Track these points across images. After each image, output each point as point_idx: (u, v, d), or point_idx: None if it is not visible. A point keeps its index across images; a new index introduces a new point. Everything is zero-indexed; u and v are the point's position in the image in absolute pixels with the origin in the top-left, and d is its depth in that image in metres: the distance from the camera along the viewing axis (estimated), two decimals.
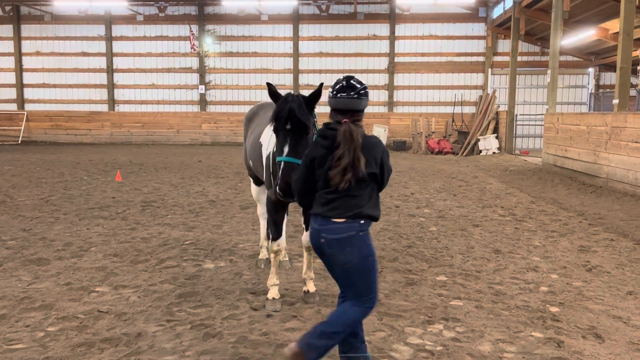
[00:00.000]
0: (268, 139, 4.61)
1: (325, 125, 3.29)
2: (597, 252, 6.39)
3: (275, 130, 3.84)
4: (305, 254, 4.80)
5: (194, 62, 24.49)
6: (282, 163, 3.74)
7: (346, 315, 3.19)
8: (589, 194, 10.73)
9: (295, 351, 3.08)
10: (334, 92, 3.29)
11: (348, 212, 3.15)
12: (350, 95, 3.26)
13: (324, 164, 3.21)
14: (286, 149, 3.76)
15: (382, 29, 23.58)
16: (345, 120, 3.21)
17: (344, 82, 3.31)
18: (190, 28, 23.58)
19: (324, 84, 4.06)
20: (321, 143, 3.25)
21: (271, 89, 4.00)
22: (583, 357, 3.67)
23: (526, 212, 8.93)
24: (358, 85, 3.31)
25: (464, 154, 20.14)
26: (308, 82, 23.17)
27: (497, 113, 20.94)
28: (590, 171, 12.03)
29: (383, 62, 23.72)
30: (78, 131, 24.79)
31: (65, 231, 7.26)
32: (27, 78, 25.10)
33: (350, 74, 3.40)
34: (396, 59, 23.56)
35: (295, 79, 23.49)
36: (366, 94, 3.33)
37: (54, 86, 24.99)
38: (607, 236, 7.19)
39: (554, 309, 4.54)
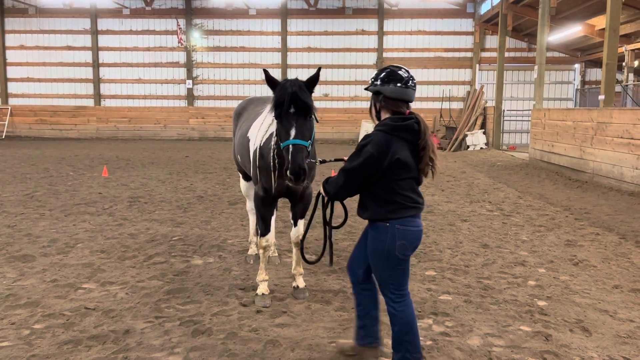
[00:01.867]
0: (255, 134, 4.58)
1: (402, 119, 3.12)
2: (583, 247, 6.45)
3: (279, 116, 3.74)
4: (294, 250, 4.78)
5: (181, 57, 24.28)
6: (291, 146, 3.61)
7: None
8: (575, 189, 10.83)
9: None
10: (404, 82, 3.12)
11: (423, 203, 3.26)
12: (413, 85, 3.17)
13: (412, 160, 3.10)
14: (293, 132, 3.66)
15: (371, 24, 23.57)
16: (408, 111, 3.18)
17: (406, 73, 3.16)
18: (178, 22, 23.36)
19: (320, 70, 4.00)
20: (407, 138, 3.09)
21: (268, 76, 3.92)
22: (570, 350, 3.71)
23: (514, 207, 8.99)
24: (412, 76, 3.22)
25: (452, 149, 20.23)
26: (296, 77, 23.02)
27: (484, 109, 21.05)
28: (576, 166, 12.14)
29: (372, 58, 23.71)
30: (63, 126, 24.49)
31: (50, 227, 7.16)
32: (11, 72, 24.70)
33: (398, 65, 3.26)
34: (384, 55, 23.56)
35: (284, 74, 23.38)
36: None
37: (39, 80, 24.63)
38: (593, 230, 7.26)
39: (541, 303, 4.57)
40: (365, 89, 3.31)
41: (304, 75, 4.08)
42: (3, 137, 23.82)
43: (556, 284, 5.08)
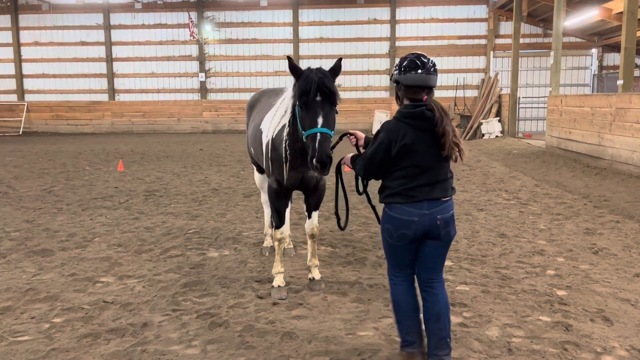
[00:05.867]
0: (268, 126, 4.56)
1: (414, 106, 3.14)
2: (603, 235, 6.35)
3: (304, 104, 3.72)
4: (309, 242, 4.76)
5: (193, 50, 24.30)
6: (319, 134, 3.60)
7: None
8: (593, 176, 10.66)
9: None
10: (422, 69, 3.13)
11: (449, 191, 3.23)
12: (434, 71, 3.17)
13: (422, 147, 3.12)
14: (320, 120, 3.65)
15: (383, 12, 23.34)
16: (425, 97, 3.18)
17: (425, 59, 3.17)
18: (189, 15, 23.36)
19: (341, 60, 4.07)
20: (418, 125, 3.11)
21: (292, 63, 3.92)
22: (592, 340, 3.65)
23: (530, 195, 8.88)
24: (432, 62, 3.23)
25: (467, 137, 20.03)
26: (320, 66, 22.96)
27: (499, 96, 20.78)
28: (594, 153, 11.95)
29: (384, 47, 23.51)
30: (79, 121, 24.72)
31: (68, 222, 7.24)
32: (27, 68, 24.94)
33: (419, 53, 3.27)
34: (397, 43, 23.34)
35: None
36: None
37: (54, 76, 24.85)
38: (612, 218, 7.14)
39: (561, 293, 4.51)
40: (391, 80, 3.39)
41: (316, 65, 4.05)
42: (20, 133, 24.13)
43: (576, 273, 5.01)
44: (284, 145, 4.22)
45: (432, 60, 3.19)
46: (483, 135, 19.93)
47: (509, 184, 10.07)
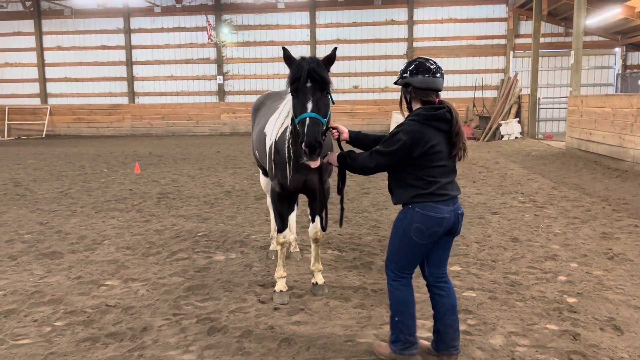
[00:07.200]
0: (272, 129, 4.52)
1: (434, 108, 3.20)
2: (620, 239, 6.16)
3: (295, 90, 3.71)
4: (312, 246, 4.71)
5: (211, 53, 24.47)
6: (308, 119, 3.56)
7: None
8: (614, 178, 10.39)
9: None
10: (432, 72, 3.22)
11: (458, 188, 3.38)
12: (440, 75, 3.26)
13: (444, 148, 3.21)
14: (310, 105, 3.63)
15: (400, 13, 23.17)
16: (438, 99, 3.28)
17: (431, 63, 3.26)
18: (207, 18, 23.53)
19: (336, 50, 4.07)
20: (439, 127, 3.19)
21: (287, 53, 3.90)
22: (599, 350, 3.52)
23: (547, 198, 8.68)
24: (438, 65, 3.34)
25: (486, 139, 19.75)
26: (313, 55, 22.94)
27: (519, 97, 20.42)
28: (615, 155, 11.64)
29: (402, 48, 23.33)
30: (100, 124, 25.09)
31: (80, 224, 7.31)
32: (49, 72, 25.43)
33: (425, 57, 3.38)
34: (415, 44, 23.14)
35: None
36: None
37: (76, 80, 25.26)
38: (631, 222, 6.93)
39: (571, 300, 4.37)
40: (395, 82, 3.41)
41: (333, 67, 4.01)
42: (43, 135, 24.59)
43: (588, 280, 4.85)
44: (287, 144, 4.18)
45: (437, 64, 3.26)
46: (502, 136, 19.62)
47: (526, 186, 9.87)
